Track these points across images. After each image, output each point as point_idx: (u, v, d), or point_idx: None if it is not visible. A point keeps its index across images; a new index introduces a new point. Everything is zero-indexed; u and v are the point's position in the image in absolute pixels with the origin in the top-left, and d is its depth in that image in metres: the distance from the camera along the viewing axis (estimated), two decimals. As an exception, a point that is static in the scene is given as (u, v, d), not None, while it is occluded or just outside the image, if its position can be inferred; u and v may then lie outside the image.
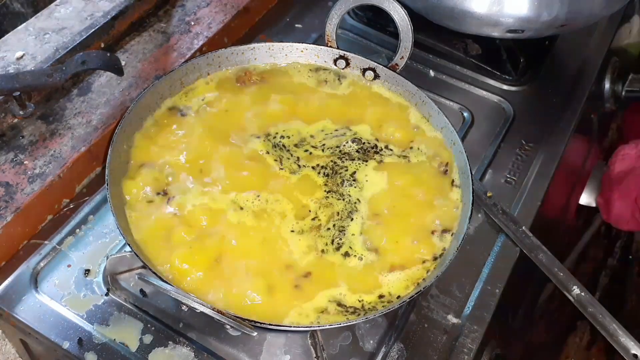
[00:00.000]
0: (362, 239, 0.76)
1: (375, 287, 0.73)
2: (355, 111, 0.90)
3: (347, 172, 0.82)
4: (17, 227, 0.80)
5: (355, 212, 0.79)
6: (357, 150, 0.85)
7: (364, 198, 0.80)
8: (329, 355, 0.74)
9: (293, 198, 0.79)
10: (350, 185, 0.81)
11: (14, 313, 0.76)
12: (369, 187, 0.81)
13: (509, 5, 0.94)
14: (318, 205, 0.79)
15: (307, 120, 0.88)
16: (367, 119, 0.89)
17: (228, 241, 0.74)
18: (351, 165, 0.83)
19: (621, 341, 0.76)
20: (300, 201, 0.79)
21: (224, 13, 1.07)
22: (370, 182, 0.82)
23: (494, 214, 0.88)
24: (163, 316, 0.76)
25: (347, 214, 0.78)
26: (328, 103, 0.90)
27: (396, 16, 0.88)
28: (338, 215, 0.78)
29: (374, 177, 0.82)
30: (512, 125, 1.02)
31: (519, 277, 0.88)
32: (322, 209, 0.79)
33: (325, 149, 0.85)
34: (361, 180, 0.82)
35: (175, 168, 0.80)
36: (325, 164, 0.83)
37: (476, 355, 0.77)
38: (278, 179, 0.81)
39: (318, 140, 0.86)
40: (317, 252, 0.75)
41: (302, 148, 0.85)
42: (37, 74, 0.83)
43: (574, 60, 1.15)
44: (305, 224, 0.77)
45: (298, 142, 0.86)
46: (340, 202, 0.79)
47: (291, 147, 0.85)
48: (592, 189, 1.26)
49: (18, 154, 0.85)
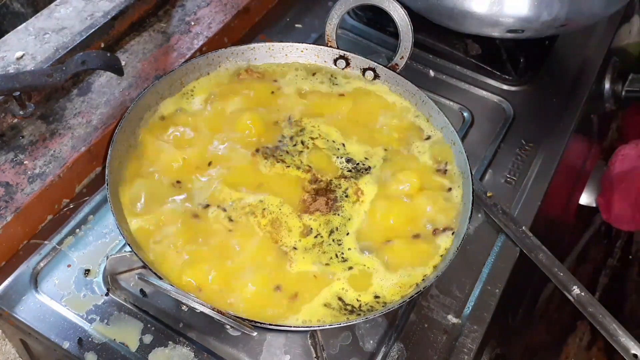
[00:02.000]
0: (359, 248, 0.76)
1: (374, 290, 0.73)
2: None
3: (340, 189, 0.81)
4: (17, 227, 0.80)
5: (350, 225, 0.78)
6: (350, 170, 0.83)
7: (357, 212, 0.80)
8: (329, 355, 0.74)
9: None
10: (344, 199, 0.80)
11: (14, 313, 0.76)
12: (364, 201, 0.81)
13: (509, 5, 0.94)
14: (318, 222, 0.78)
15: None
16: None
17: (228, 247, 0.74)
18: (344, 184, 0.82)
19: (621, 341, 0.76)
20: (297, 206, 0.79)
21: (224, 13, 1.07)
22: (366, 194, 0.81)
23: (494, 214, 0.88)
24: (163, 316, 0.76)
25: (343, 228, 0.78)
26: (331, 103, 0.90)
27: (396, 16, 0.88)
28: (337, 230, 0.78)
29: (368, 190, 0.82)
30: (512, 125, 1.02)
31: (519, 277, 0.88)
32: (322, 226, 0.78)
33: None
34: (351, 195, 0.81)
35: (176, 169, 0.80)
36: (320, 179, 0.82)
37: (476, 355, 0.77)
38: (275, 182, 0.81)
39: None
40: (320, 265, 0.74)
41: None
42: (37, 74, 0.83)
43: (574, 60, 1.15)
44: (307, 241, 0.77)
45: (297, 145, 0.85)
46: (337, 217, 0.79)
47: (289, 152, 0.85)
48: (592, 189, 1.27)
49: (18, 154, 0.85)
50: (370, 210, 0.79)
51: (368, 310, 0.70)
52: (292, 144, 0.85)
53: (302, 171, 0.82)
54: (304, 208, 0.79)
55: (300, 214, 0.78)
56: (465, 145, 0.82)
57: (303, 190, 0.80)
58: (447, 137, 0.85)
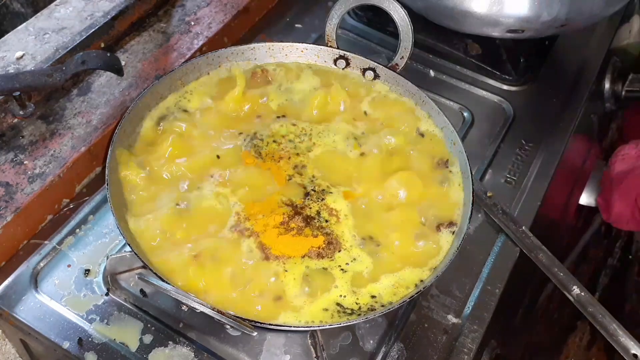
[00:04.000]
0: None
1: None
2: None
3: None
4: (17, 227, 0.80)
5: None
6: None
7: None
8: (329, 355, 0.74)
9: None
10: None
11: (14, 313, 0.76)
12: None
13: (509, 5, 0.94)
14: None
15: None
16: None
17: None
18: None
19: (621, 341, 0.76)
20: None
21: (224, 13, 1.07)
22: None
23: (494, 214, 0.88)
24: (163, 316, 0.76)
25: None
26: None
27: (396, 16, 0.88)
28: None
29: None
30: (512, 125, 1.02)
31: (519, 277, 0.88)
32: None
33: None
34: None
35: (175, 170, 0.80)
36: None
37: (476, 355, 0.77)
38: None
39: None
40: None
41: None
42: (37, 74, 0.83)
43: (574, 60, 1.15)
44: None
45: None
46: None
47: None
48: (592, 189, 1.26)
49: (18, 154, 0.85)
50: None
51: (368, 310, 0.70)
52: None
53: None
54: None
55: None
56: (465, 145, 0.82)
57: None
58: (447, 137, 0.85)
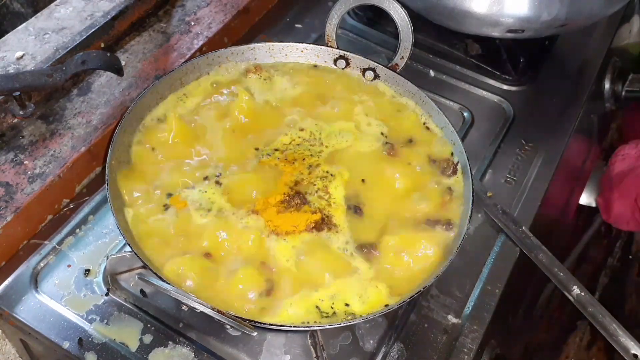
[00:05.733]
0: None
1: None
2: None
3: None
4: (17, 227, 0.80)
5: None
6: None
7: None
8: (329, 355, 0.74)
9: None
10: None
11: (14, 313, 0.76)
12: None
13: (509, 5, 0.94)
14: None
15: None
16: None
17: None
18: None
19: (621, 341, 0.76)
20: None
21: (224, 13, 1.07)
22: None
23: (494, 214, 0.88)
24: (163, 316, 0.76)
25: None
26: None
27: (396, 16, 0.88)
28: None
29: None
30: (512, 125, 1.02)
31: (519, 277, 0.88)
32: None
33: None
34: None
35: (176, 171, 0.80)
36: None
37: (476, 355, 0.77)
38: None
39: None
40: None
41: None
42: (37, 74, 0.83)
43: (574, 60, 1.15)
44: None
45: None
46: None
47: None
48: (592, 189, 1.27)
49: (18, 154, 0.85)
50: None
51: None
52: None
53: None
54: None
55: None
56: (465, 145, 0.82)
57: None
58: (448, 137, 0.85)
